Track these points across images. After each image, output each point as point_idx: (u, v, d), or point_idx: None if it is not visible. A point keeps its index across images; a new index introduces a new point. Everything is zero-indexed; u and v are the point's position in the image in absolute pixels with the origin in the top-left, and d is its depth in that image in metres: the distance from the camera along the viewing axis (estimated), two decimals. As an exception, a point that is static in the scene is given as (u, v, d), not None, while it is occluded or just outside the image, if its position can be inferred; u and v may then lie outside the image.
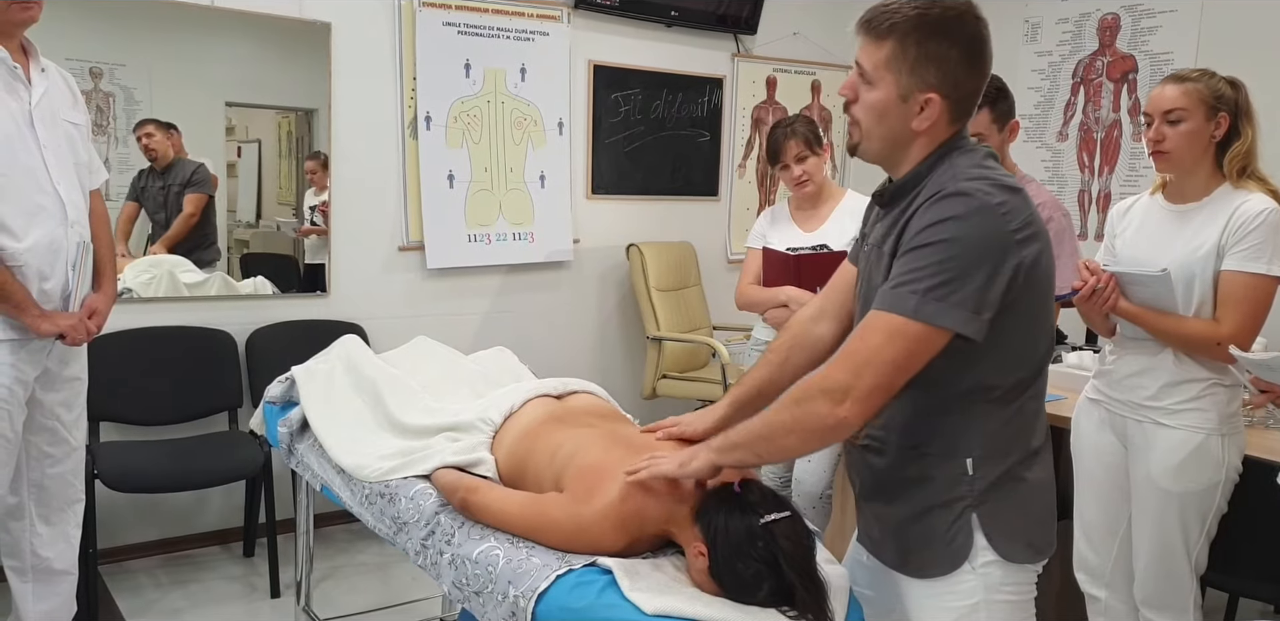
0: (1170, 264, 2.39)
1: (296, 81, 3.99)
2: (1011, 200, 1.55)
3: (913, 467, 1.69)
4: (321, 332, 3.60)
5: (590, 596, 1.63)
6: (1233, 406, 2.44)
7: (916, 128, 1.62)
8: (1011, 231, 1.53)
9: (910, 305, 1.52)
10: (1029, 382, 1.67)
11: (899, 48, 1.58)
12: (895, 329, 1.53)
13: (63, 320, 2.62)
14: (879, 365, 1.53)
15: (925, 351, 1.54)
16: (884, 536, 1.77)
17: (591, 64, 4.68)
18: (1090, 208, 4.82)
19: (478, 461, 2.08)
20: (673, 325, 4.69)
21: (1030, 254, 1.56)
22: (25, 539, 2.78)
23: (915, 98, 1.60)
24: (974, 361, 1.60)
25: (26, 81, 2.58)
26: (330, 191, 4.02)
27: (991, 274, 1.52)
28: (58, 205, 2.61)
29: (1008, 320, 1.56)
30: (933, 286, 1.51)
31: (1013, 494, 1.68)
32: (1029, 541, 1.69)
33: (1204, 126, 2.37)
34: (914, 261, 1.54)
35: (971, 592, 1.68)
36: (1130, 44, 4.66)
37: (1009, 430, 1.67)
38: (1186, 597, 2.51)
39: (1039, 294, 1.62)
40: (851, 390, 1.53)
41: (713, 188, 5.26)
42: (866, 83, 1.63)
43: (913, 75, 1.59)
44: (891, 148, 1.66)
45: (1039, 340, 1.67)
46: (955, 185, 1.56)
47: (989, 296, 1.52)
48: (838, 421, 1.54)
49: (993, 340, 1.56)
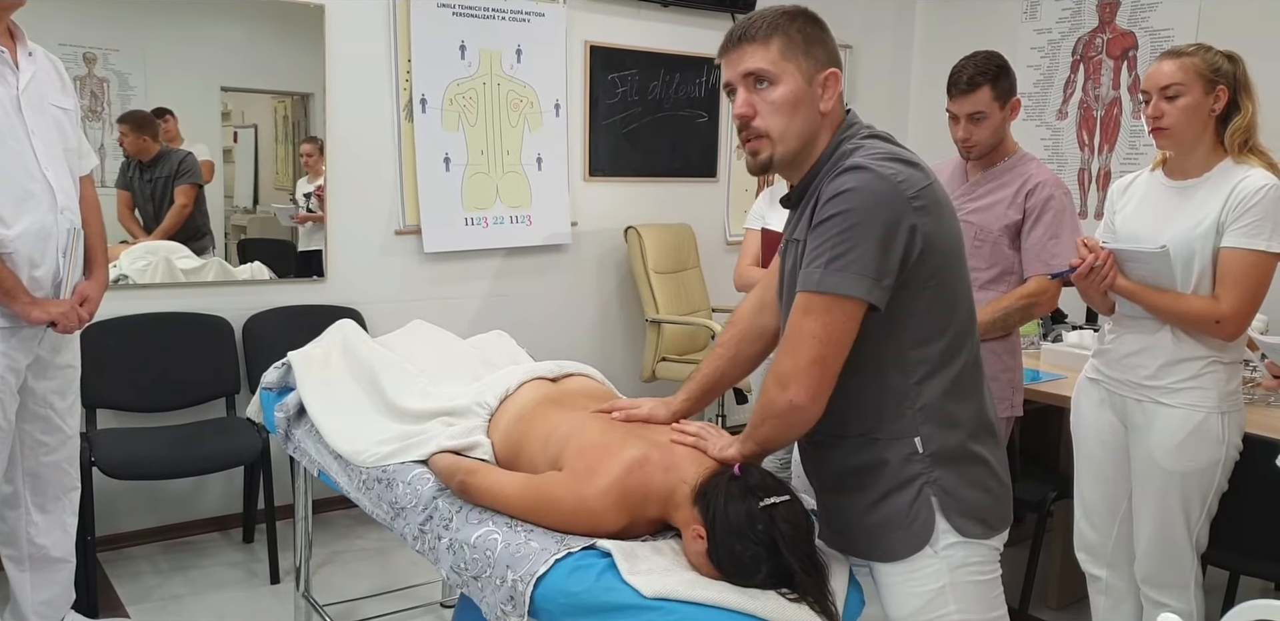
0: (1170, 240, 2.37)
1: (292, 65, 3.96)
2: (906, 171, 1.61)
3: (865, 454, 1.73)
4: (319, 317, 3.59)
5: (589, 580, 1.63)
6: (1232, 384, 2.43)
7: (824, 109, 1.69)
8: (907, 198, 1.58)
9: (815, 278, 1.58)
10: (954, 352, 1.70)
11: (787, 39, 1.67)
12: (808, 305, 1.60)
13: (54, 307, 2.61)
14: (804, 341, 1.60)
15: (843, 322, 1.59)
16: (847, 527, 1.79)
17: (588, 44, 4.65)
18: (1090, 186, 4.80)
19: (474, 445, 2.08)
20: (671, 307, 4.68)
21: (927, 223, 1.60)
22: (21, 527, 2.78)
23: (817, 78, 1.68)
24: (890, 333, 1.65)
25: (14, 66, 2.56)
26: (326, 176, 4.00)
27: (887, 239, 1.57)
28: (47, 191, 2.59)
29: (911, 292, 1.62)
30: (833, 258, 1.57)
31: (966, 469, 1.72)
32: (982, 517, 1.72)
33: (1202, 101, 2.34)
34: (816, 238, 1.60)
35: (937, 576, 1.71)
36: (1130, 21, 4.63)
37: (950, 403, 1.70)
38: (1187, 575, 2.51)
39: (944, 263, 1.66)
40: (790, 371, 1.61)
41: (711, 169, 5.23)
42: (768, 84, 1.67)
43: (809, 57, 1.67)
44: (806, 142, 1.71)
45: (954, 309, 1.71)
46: (851, 160, 1.62)
47: (888, 263, 1.57)
48: (787, 404, 1.62)
49: (901, 312, 1.62)
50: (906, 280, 1.60)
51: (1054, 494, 3.11)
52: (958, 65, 2.72)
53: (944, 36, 5.42)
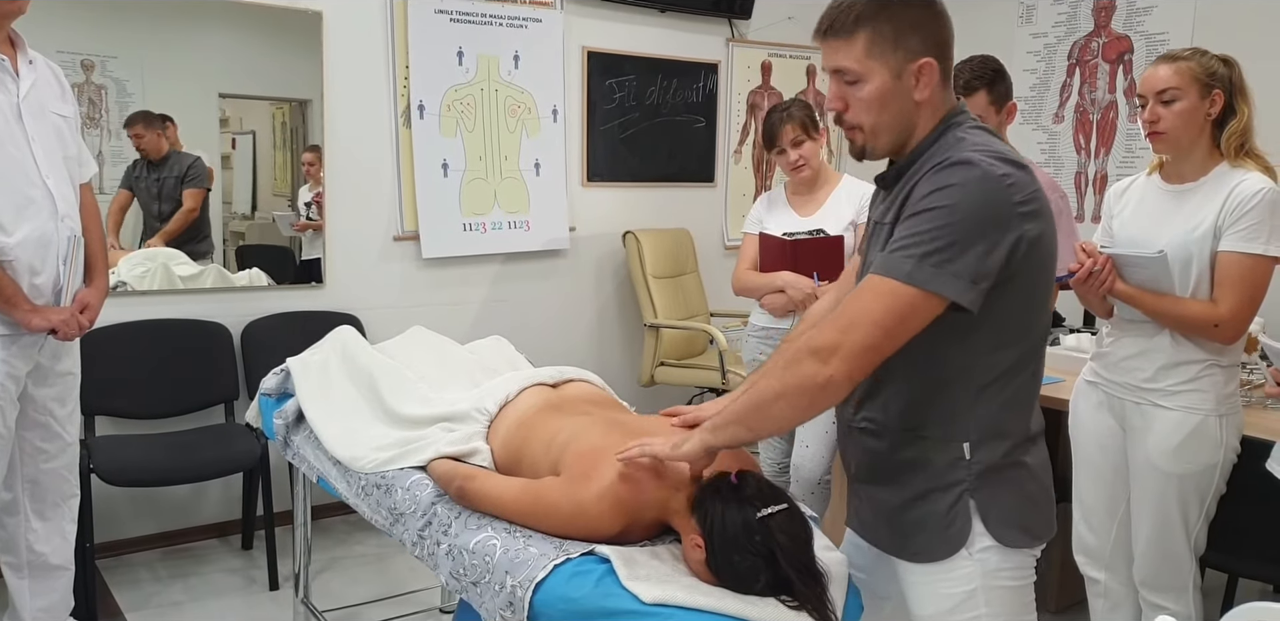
0: (1167, 244, 2.37)
1: (290, 72, 3.96)
2: (1016, 173, 1.54)
3: (910, 451, 1.68)
4: (317, 324, 3.59)
5: (588, 585, 1.63)
6: (1230, 387, 2.43)
7: (919, 99, 1.62)
8: (1015, 203, 1.52)
9: (905, 269, 1.50)
10: (1025, 363, 1.66)
11: (874, 33, 1.59)
12: (887, 291, 1.51)
13: (54, 315, 2.61)
14: (867, 326, 1.51)
15: (916, 317, 1.52)
16: (878, 520, 1.77)
17: (585, 50, 4.66)
18: (1087, 189, 4.80)
19: (473, 451, 2.08)
20: (670, 312, 4.68)
21: (1033, 229, 1.54)
22: (21, 535, 2.78)
23: (909, 70, 1.60)
24: (968, 336, 1.59)
25: (14, 74, 2.57)
26: (325, 182, 4.01)
27: (991, 244, 1.50)
28: (47, 199, 2.59)
29: (1004, 295, 1.55)
30: (930, 252, 1.49)
31: (1010, 478, 1.67)
32: (1025, 526, 1.68)
33: (1198, 105, 2.35)
34: (913, 227, 1.52)
35: (969, 578, 1.67)
36: (1126, 24, 4.64)
37: (1006, 413, 1.66)
38: (1186, 578, 2.52)
39: (1039, 271, 1.61)
40: (839, 348, 1.51)
41: (709, 173, 5.24)
42: (854, 82, 1.62)
43: (899, 50, 1.59)
44: (901, 133, 1.65)
45: (1036, 318, 1.66)
46: (960, 154, 1.55)
47: (987, 266, 1.50)
48: (825, 379, 1.51)
49: (988, 314, 1.55)
50: (1002, 284, 1.54)
51: (1053, 497, 3.11)
52: (954, 69, 2.72)
53: (940, 41, 5.42)
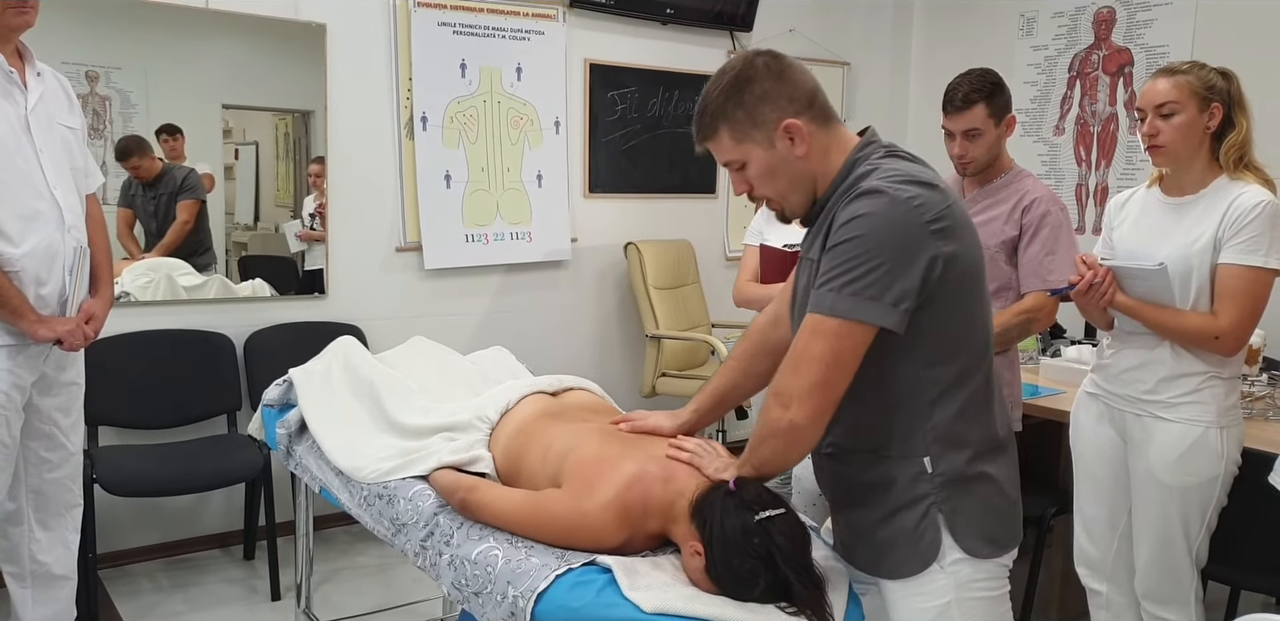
0: (1167, 257, 2.38)
1: (293, 83, 3.98)
2: (924, 193, 1.59)
3: (874, 471, 1.73)
4: (320, 334, 3.59)
5: (589, 595, 1.63)
6: (1231, 399, 2.44)
7: (801, 154, 1.69)
8: (925, 223, 1.57)
9: (829, 302, 1.58)
10: (970, 374, 1.70)
11: (730, 123, 1.70)
12: (818, 327, 1.59)
13: (60, 325, 2.62)
14: (810, 363, 1.59)
15: (852, 346, 1.59)
16: (856, 541, 1.80)
17: (588, 62, 4.68)
18: (1088, 201, 4.81)
19: (475, 459, 2.08)
20: (671, 323, 4.68)
21: (946, 246, 1.59)
22: (24, 544, 2.79)
23: (777, 137, 1.68)
24: (906, 355, 1.64)
25: (22, 86, 2.58)
26: (327, 193, 4.02)
27: (906, 266, 1.56)
28: (54, 210, 2.61)
29: (932, 312, 1.61)
30: (848, 282, 1.56)
31: (974, 490, 1.71)
32: (991, 537, 1.72)
33: (1197, 118, 2.36)
34: (832, 260, 1.59)
35: (943, 592, 1.70)
36: (1126, 37, 4.66)
37: (960, 424, 1.69)
38: (1188, 590, 2.51)
39: (962, 284, 1.65)
40: (792, 392, 1.60)
41: (710, 185, 5.25)
42: (741, 168, 1.73)
43: (759, 127, 1.68)
44: (804, 188, 1.73)
45: (972, 331, 1.70)
46: (868, 183, 1.61)
47: (905, 288, 1.56)
48: (789, 424, 1.61)
49: (919, 334, 1.61)
50: (925, 301, 1.59)
51: (1054, 509, 3.11)
52: (953, 83, 2.74)
53: (940, 54, 5.45)
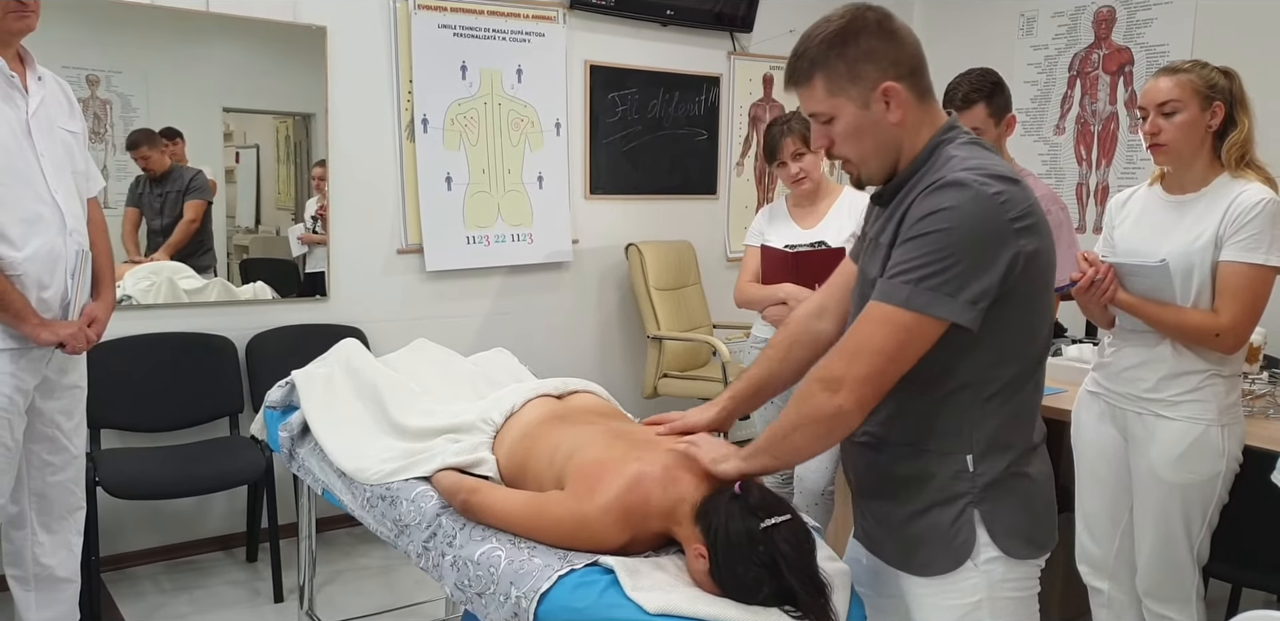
0: (1169, 255, 2.38)
1: (293, 86, 3.99)
2: (1009, 189, 1.55)
3: (913, 465, 1.69)
4: (321, 337, 3.59)
5: (592, 596, 1.63)
6: (1232, 397, 2.44)
7: (895, 120, 1.64)
8: (1009, 220, 1.53)
9: (904, 295, 1.53)
10: (1027, 376, 1.67)
11: (827, 73, 1.63)
12: (888, 318, 1.54)
13: (62, 329, 2.63)
14: (871, 353, 1.55)
15: (919, 341, 1.55)
16: (884, 534, 1.77)
17: (588, 64, 4.68)
18: (1088, 200, 4.82)
19: (479, 461, 2.08)
20: (673, 324, 4.69)
21: (1029, 244, 1.55)
22: (27, 547, 2.79)
23: (873, 97, 1.62)
24: (969, 352, 1.60)
25: (23, 90, 2.59)
26: (328, 195, 4.02)
27: (988, 263, 1.52)
28: (56, 214, 2.61)
29: (1004, 311, 1.56)
30: (927, 275, 1.52)
31: (1014, 489, 1.67)
32: (1030, 537, 1.69)
33: (1199, 117, 2.36)
34: (909, 251, 1.55)
35: (974, 590, 1.67)
36: (1126, 36, 4.66)
37: (1008, 426, 1.66)
38: (1189, 588, 2.51)
39: (1038, 285, 1.62)
40: (845, 378, 1.55)
41: (711, 186, 5.26)
42: (828, 120, 1.67)
43: (856, 83, 1.62)
44: (888, 157, 1.68)
45: (1036, 332, 1.67)
46: (951, 175, 1.56)
47: (985, 286, 1.52)
48: (835, 409, 1.56)
49: (988, 331, 1.56)
50: (1000, 298, 1.55)
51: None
52: (953, 82, 2.74)
53: (940, 54, 5.41)
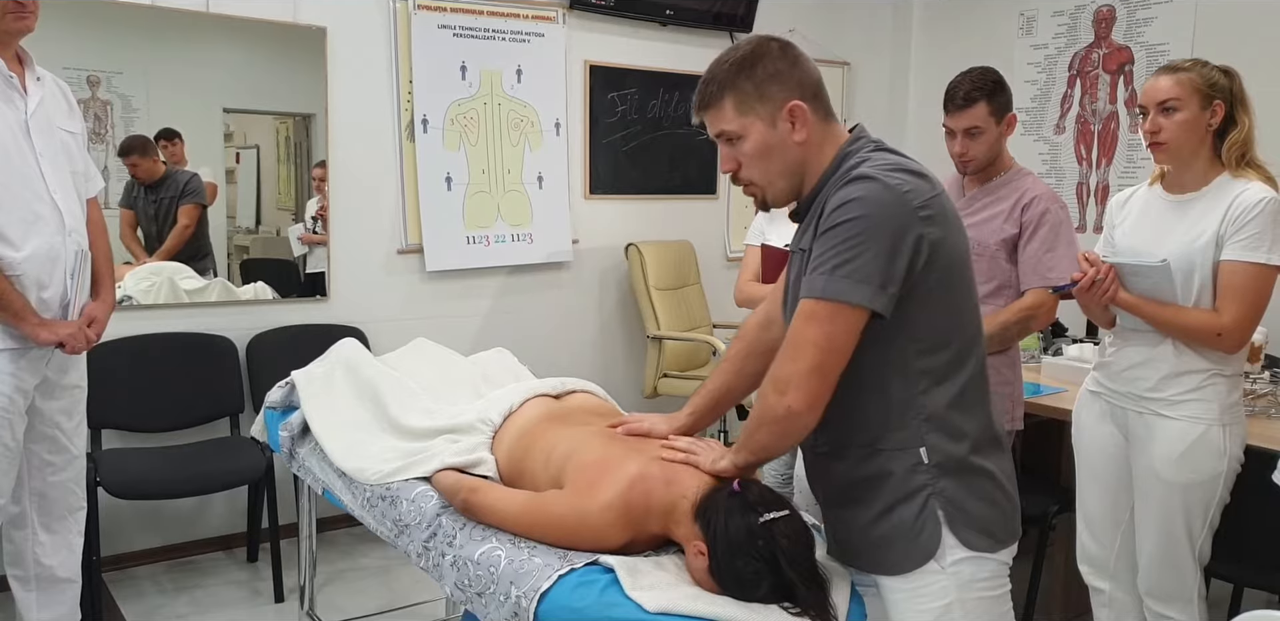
0: (1169, 254, 2.38)
1: (293, 86, 3.99)
2: (913, 181, 1.62)
3: (871, 465, 1.73)
4: (322, 337, 3.59)
5: (592, 595, 1.63)
6: (1233, 396, 2.43)
7: (800, 140, 1.71)
8: (914, 207, 1.60)
9: (820, 285, 1.59)
10: (961, 363, 1.71)
11: (737, 94, 1.70)
12: (812, 311, 1.61)
13: (62, 329, 2.63)
14: (805, 347, 1.61)
15: (845, 330, 1.60)
16: (852, 540, 1.78)
17: (587, 64, 4.68)
18: (1089, 200, 4.81)
19: (478, 461, 2.09)
20: (673, 324, 4.69)
21: (934, 232, 1.61)
22: (28, 547, 2.79)
23: (780, 116, 1.70)
24: (892, 344, 1.66)
25: (22, 91, 2.59)
26: (329, 195, 4.02)
27: (894, 248, 1.58)
28: (55, 214, 2.61)
29: (918, 300, 1.63)
30: (838, 265, 1.58)
31: (971, 483, 1.71)
32: (989, 530, 1.72)
33: (1199, 115, 2.36)
34: (822, 245, 1.62)
35: (944, 592, 1.70)
36: (1126, 35, 4.66)
37: (956, 414, 1.70)
38: (1191, 588, 2.51)
39: (948, 273, 1.66)
40: (790, 377, 1.62)
41: (711, 186, 5.26)
42: (737, 141, 1.72)
43: (764, 102, 1.69)
44: (793, 177, 1.74)
45: (959, 319, 1.72)
46: (858, 171, 1.63)
47: (893, 271, 1.58)
48: (785, 410, 1.62)
49: (906, 320, 1.63)
50: (911, 288, 1.61)
51: (1056, 507, 3.11)
52: (954, 81, 2.74)
53: (940, 53, 5.45)
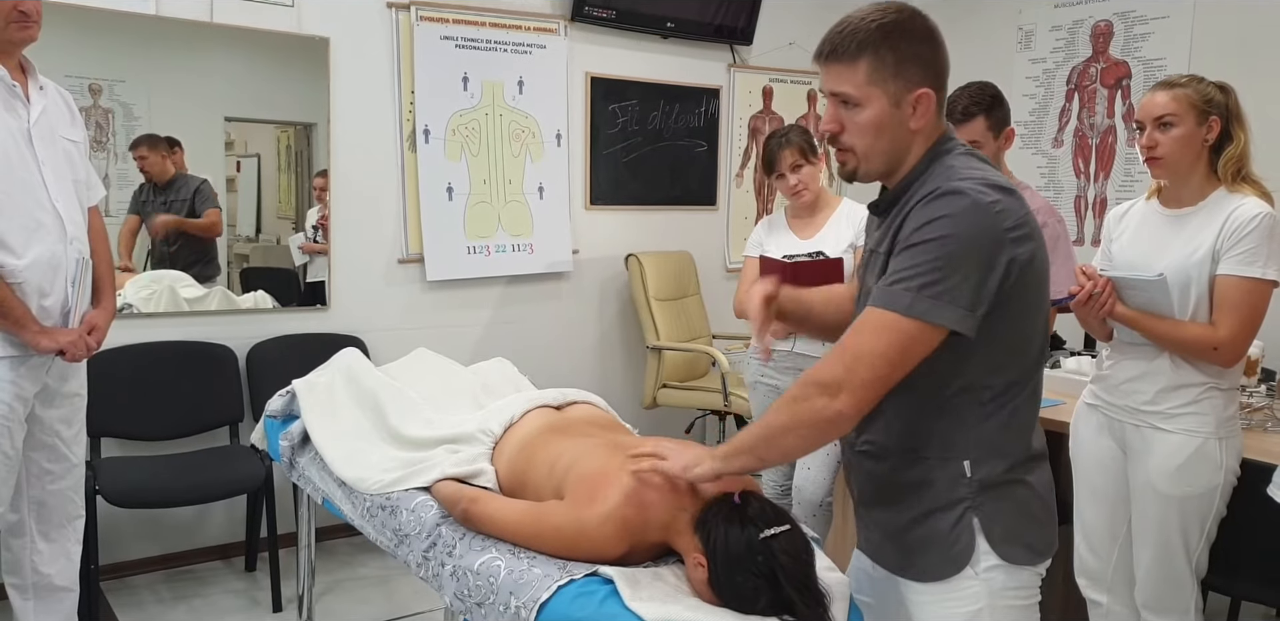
0: (1166, 268, 2.39)
1: (295, 96, 4.00)
2: (1005, 199, 1.57)
3: (912, 471, 1.70)
4: (322, 346, 3.61)
5: (592, 606, 1.64)
6: (1230, 410, 2.44)
7: (915, 127, 1.65)
8: (1005, 229, 1.55)
9: (904, 302, 1.54)
10: (1022, 384, 1.68)
11: (876, 60, 1.61)
12: (888, 325, 1.55)
13: (62, 336, 2.63)
14: (872, 359, 1.56)
15: (918, 347, 1.56)
16: (885, 541, 1.77)
17: (589, 75, 4.70)
18: (1086, 213, 4.83)
19: (478, 472, 2.09)
20: (672, 334, 4.69)
21: (1024, 252, 1.57)
22: (26, 556, 2.79)
23: (907, 99, 1.63)
24: (966, 359, 1.61)
25: (25, 99, 2.60)
26: (330, 205, 4.03)
27: (985, 271, 1.54)
28: (57, 222, 2.62)
29: (1000, 319, 1.58)
30: (927, 283, 1.53)
31: (1012, 496, 1.68)
32: (1028, 543, 1.70)
33: (1196, 131, 2.38)
34: (908, 259, 1.56)
35: (975, 598, 1.68)
36: (1123, 50, 4.68)
37: (1005, 432, 1.67)
38: (1188, 601, 2.51)
39: (1033, 293, 1.64)
40: (845, 383, 1.56)
41: (710, 197, 5.27)
42: (853, 106, 1.65)
43: (898, 79, 1.62)
44: (894, 159, 1.68)
45: (1031, 340, 1.68)
46: (949, 184, 1.58)
47: (982, 293, 1.54)
48: (834, 413, 1.57)
49: (985, 338, 1.58)
50: (996, 306, 1.57)
51: (1054, 520, 3.11)
52: (953, 95, 2.75)
53: (940, 66, 5.46)
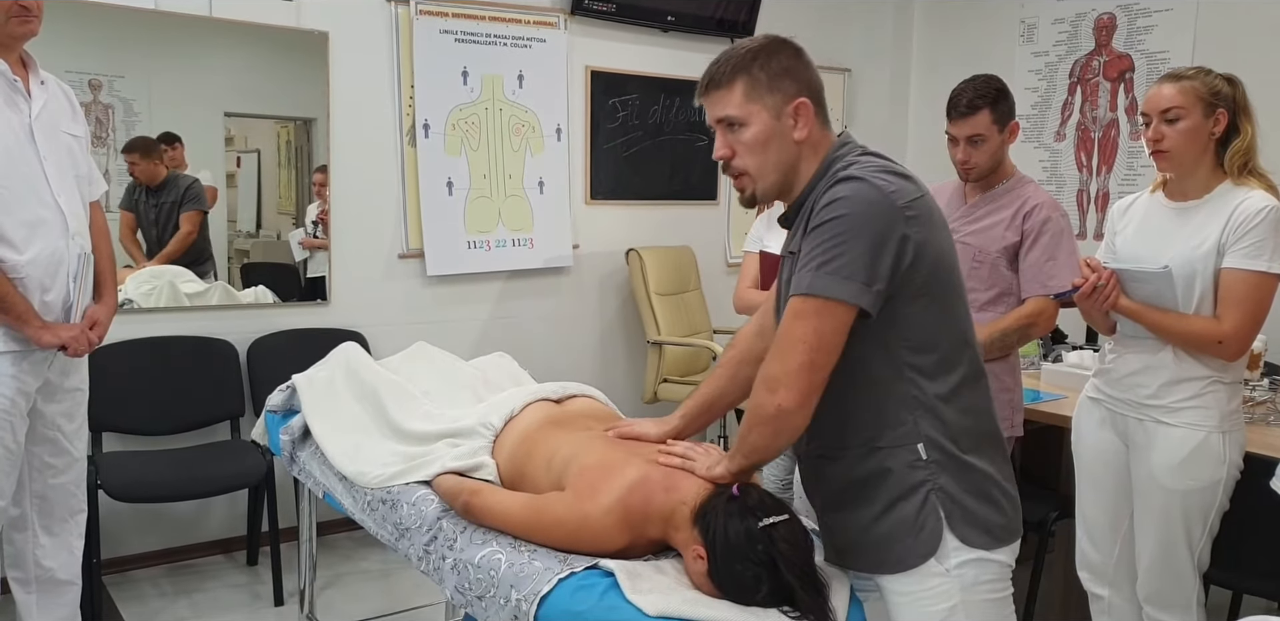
0: (1171, 261, 2.39)
1: (295, 91, 4.00)
2: (899, 182, 1.65)
3: (868, 463, 1.74)
4: (322, 341, 3.60)
5: (592, 599, 1.64)
6: (1233, 404, 2.44)
7: (799, 138, 1.73)
8: (899, 207, 1.62)
9: (806, 282, 1.62)
10: (953, 363, 1.72)
11: (750, 79, 1.72)
12: (799, 309, 1.63)
13: (64, 331, 2.63)
14: (794, 344, 1.62)
15: (833, 327, 1.61)
16: (853, 543, 1.79)
17: (589, 69, 4.69)
18: (1089, 207, 4.82)
19: (479, 466, 2.09)
20: (673, 329, 4.69)
21: (918, 232, 1.63)
22: (29, 550, 2.80)
23: (786, 111, 1.72)
24: (884, 344, 1.68)
25: (26, 94, 2.60)
26: (330, 200, 4.03)
27: (879, 246, 1.60)
28: (58, 217, 2.62)
29: (906, 300, 1.65)
30: (824, 262, 1.60)
31: (968, 477, 1.73)
32: (987, 526, 1.73)
33: (1202, 124, 2.37)
34: (809, 243, 1.64)
35: (949, 595, 1.71)
36: (1126, 43, 4.67)
37: (951, 412, 1.71)
38: (1190, 595, 2.51)
39: (938, 276, 1.68)
40: (780, 376, 1.63)
41: (711, 191, 5.26)
42: (739, 127, 1.74)
43: (774, 93, 1.72)
44: (786, 173, 1.76)
45: (949, 320, 1.73)
46: (845, 172, 1.66)
47: (879, 268, 1.60)
48: (776, 408, 1.63)
49: (896, 321, 1.65)
50: (899, 288, 1.63)
51: (1055, 513, 3.11)
52: (957, 89, 2.74)
53: (942, 60, 5.46)
